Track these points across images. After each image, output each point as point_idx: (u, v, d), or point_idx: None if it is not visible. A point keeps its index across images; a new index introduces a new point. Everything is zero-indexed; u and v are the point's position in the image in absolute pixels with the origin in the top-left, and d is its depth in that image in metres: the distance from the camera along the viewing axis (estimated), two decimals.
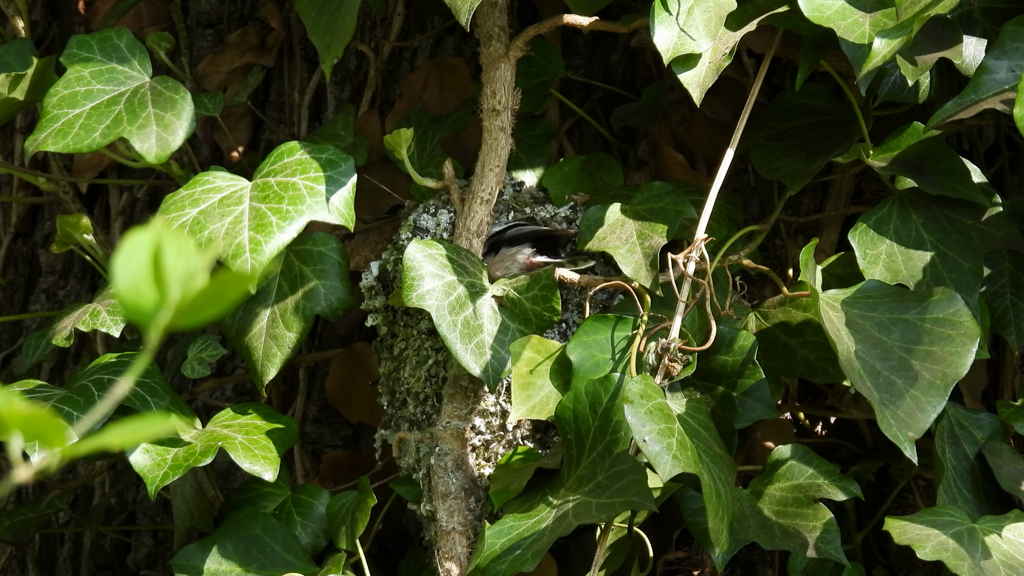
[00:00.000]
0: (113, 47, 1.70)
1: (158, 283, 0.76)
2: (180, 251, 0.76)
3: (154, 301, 0.76)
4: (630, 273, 1.63)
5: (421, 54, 1.99)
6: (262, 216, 1.60)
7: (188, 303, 0.76)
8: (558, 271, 1.68)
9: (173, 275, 0.76)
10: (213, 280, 0.76)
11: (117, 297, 0.76)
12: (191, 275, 0.76)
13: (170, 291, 0.76)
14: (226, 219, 1.61)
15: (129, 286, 0.76)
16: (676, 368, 1.58)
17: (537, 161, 1.84)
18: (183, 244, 0.77)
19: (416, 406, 1.77)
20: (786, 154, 1.74)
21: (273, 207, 1.60)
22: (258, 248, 1.58)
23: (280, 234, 1.59)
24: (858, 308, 1.56)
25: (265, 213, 1.60)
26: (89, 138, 1.65)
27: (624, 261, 1.64)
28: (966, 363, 1.52)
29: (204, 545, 1.71)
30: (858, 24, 1.56)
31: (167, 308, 0.76)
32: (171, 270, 0.76)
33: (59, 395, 1.62)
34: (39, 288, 2.18)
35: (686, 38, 1.58)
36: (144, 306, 0.76)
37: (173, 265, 0.76)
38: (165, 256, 0.76)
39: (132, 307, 0.76)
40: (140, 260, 0.76)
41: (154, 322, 0.76)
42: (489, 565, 1.52)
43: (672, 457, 1.44)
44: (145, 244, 0.76)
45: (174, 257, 0.76)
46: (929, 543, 1.54)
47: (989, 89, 1.55)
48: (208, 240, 1.59)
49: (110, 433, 0.77)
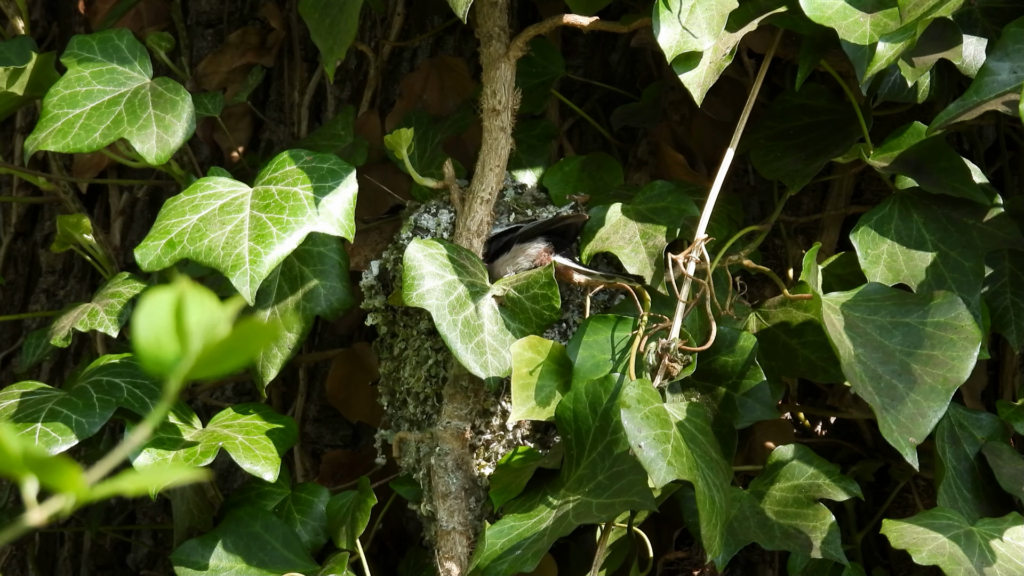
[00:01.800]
0: (114, 48, 1.70)
1: (179, 335, 0.76)
2: (202, 304, 0.76)
3: (175, 354, 0.76)
4: (636, 272, 1.64)
5: (421, 54, 1.99)
6: (262, 226, 1.60)
7: (209, 354, 0.76)
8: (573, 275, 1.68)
9: (195, 327, 0.76)
10: (235, 331, 0.75)
11: (137, 351, 0.76)
12: (213, 327, 0.76)
13: (191, 343, 0.76)
14: (226, 227, 1.60)
15: (150, 340, 0.75)
16: (676, 368, 1.58)
17: (537, 161, 1.84)
18: (205, 298, 0.76)
19: (416, 406, 1.77)
20: (786, 154, 1.74)
21: (273, 217, 1.60)
22: (258, 259, 1.58)
23: (280, 245, 1.59)
24: (859, 311, 1.56)
25: (265, 223, 1.60)
26: (89, 138, 1.65)
27: (629, 261, 1.65)
28: (967, 368, 1.52)
29: (205, 541, 1.71)
30: (859, 24, 1.55)
31: (188, 360, 0.76)
32: (193, 323, 0.76)
33: (58, 397, 1.62)
34: (39, 288, 2.18)
35: (688, 36, 1.58)
36: (164, 359, 0.76)
37: (195, 318, 0.76)
38: (187, 309, 0.76)
39: (152, 360, 0.75)
40: (162, 314, 0.75)
41: (175, 374, 0.76)
42: (489, 565, 1.52)
43: (667, 463, 1.43)
44: (167, 300, 0.76)
45: (196, 310, 0.76)
46: (926, 547, 1.54)
47: (991, 91, 1.55)
48: (208, 248, 1.59)
49: (125, 479, 0.77)
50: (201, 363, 0.76)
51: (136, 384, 1.65)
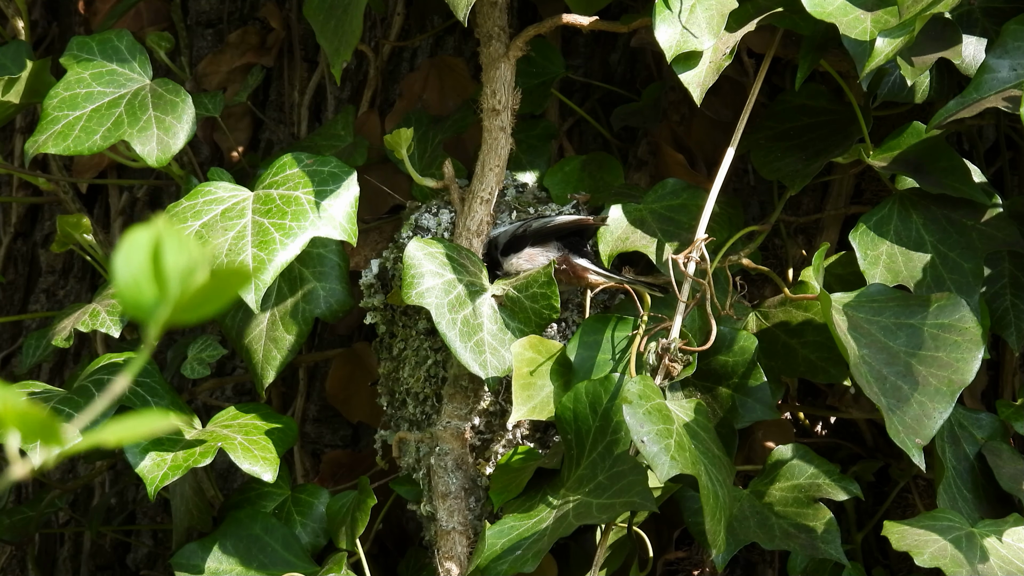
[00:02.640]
0: (113, 49, 1.70)
1: (158, 280, 0.76)
2: (180, 248, 0.77)
3: (154, 297, 0.76)
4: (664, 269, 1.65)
5: (421, 54, 1.99)
6: (265, 232, 1.60)
7: (187, 299, 0.76)
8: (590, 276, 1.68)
9: (173, 272, 0.76)
10: (212, 276, 0.76)
11: (117, 294, 0.76)
12: (191, 271, 0.76)
13: (170, 287, 0.76)
14: (229, 233, 1.60)
15: (129, 283, 0.76)
16: (676, 368, 1.58)
17: (537, 161, 1.84)
18: (183, 241, 0.77)
19: (415, 406, 1.77)
20: (786, 154, 1.74)
21: (276, 222, 1.60)
22: (262, 266, 1.57)
23: (283, 251, 1.59)
24: (863, 312, 1.56)
25: (268, 229, 1.60)
26: (89, 140, 1.64)
27: (658, 260, 1.67)
28: (972, 369, 1.52)
29: (204, 544, 1.71)
30: (859, 20, 1.55)
31: (166, 304, 0.76)
32: (171, 267, 0.76)
33: (59, 396, 1.62)
34: (39, 288, 2.18)
35: (688, 36, 1.58)
36: (144, 302, 0.76)
37: (173, 262, 0.76)
38: (165, 253, 0.76)
39: (132, 303, 0.76)
40: (140, 257, 0.76)
41: (154, 318, 0.76)
42: (490, 565, 1.51)
43: (670, 458, 1.44)
44: (145, 241, 0.76)
45: (174, 254, 0.76)
46: (927, 549, 1.54)
47: (991, 88, 1.55)
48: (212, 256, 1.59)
49: (107, 431, 0.77)
50: (180, 308, 0.76)
51: (137, 383, 1.65)
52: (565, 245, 1.70)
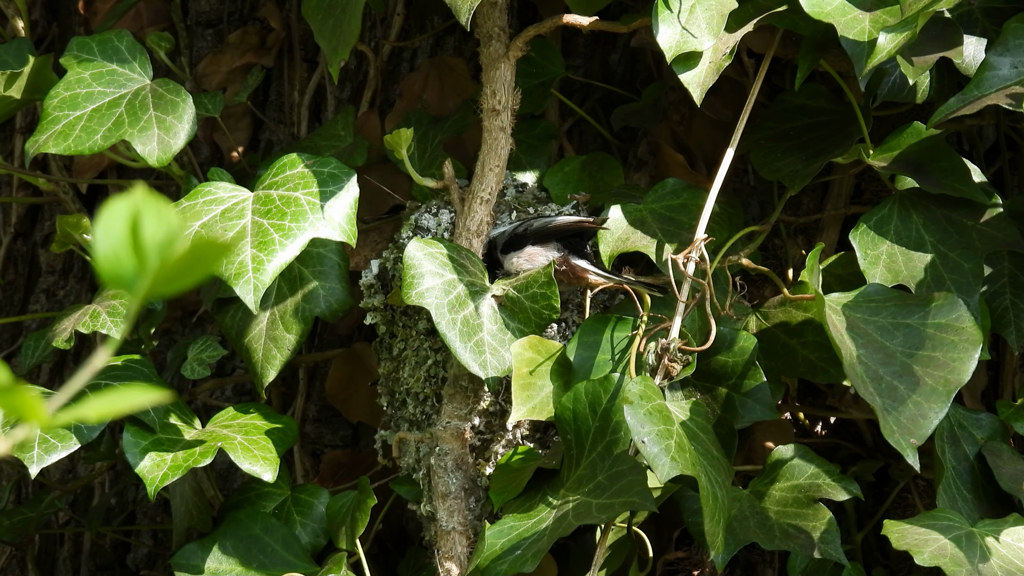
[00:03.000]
0: (113, 49, 1.70)
1: (137, 251, 0.76)
2: (159, 218, 0.76)
3: (133, 269, 0.76)
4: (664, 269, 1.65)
5: (421, 54, 1.99)
6: (264, 232, 1.60)
7: (167, 271, 0.76)
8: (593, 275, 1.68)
9: (152, 243, 0.76)
10: (192, 248, 0.76)
11: (96, 265, 0.76)
12: (170, 242, 0.76)
13: (149, 259, 0.76)
14: (228, 234, 1.60)
15: (108, 254, 0.76)
16: (676, 368, 1.58)
17: (537, 161, 1.84)
18: (162, 211, 0.76)
19: (415, 406, 1.77)
20: (786, 154, 1.74)
21: (275, 223, 1.60)
22: (261, 267, 1.58)
23: (282, 252, 1.59)
24: (861, 312, 1.56)
25: (268, 230, 1.60)
26: (90, 140, 1.64)
27: (658, 260, 1.67)
28: (968, 370, 1.52)
29: (204, 544, 1.71)
30: (858, 21, 1.55)
31: (146, 276, 0.76)
32: (150, 238, 0.76)
33: None
34: (39, 288, 2.18)
35: (688, 36, 1.58)
36: (123, 274, 0.76)
37: (152, 233, 0.76)
38: (144, 224, 0.76)
39: (111, 275, 0.76)
40: (119, 228, 0.76)
41: (133, 289, 0.76)
42: (489, 565, 1.51)
43: (670, 459, 1.44)
44: (124, 212, 0.76)
45: (153, 225, 0.76)
46: (927, 548, 1.54)
47: (992, 85, 1.55)
48: None
49: (87, 406, 0.77)
50: (160, 279, 0.76)
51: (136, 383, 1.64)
52: (565, 246, 1.70)
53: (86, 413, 0.77)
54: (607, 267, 1.69)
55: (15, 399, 0.75)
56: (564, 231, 1.69)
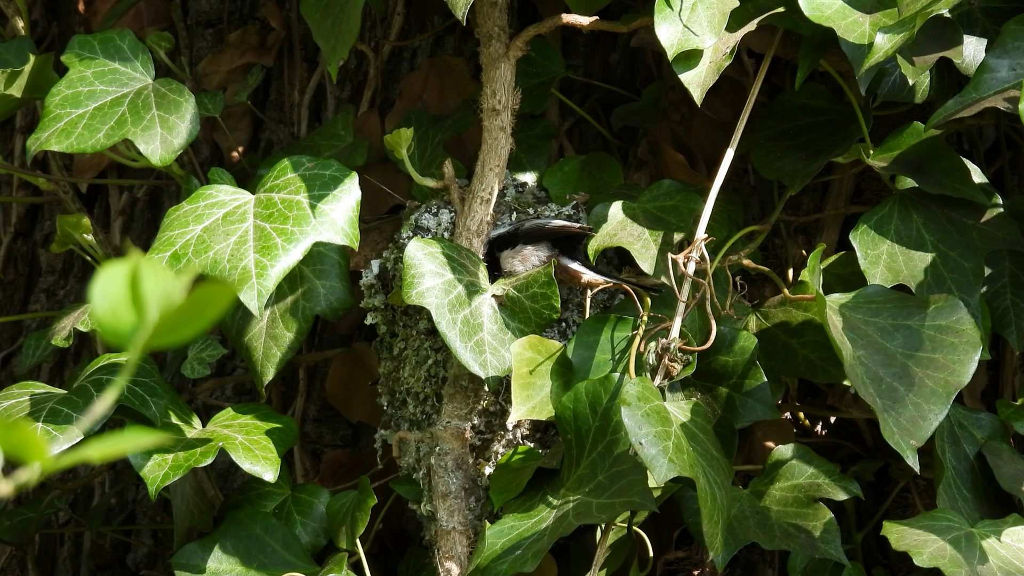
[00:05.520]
0: (115, 48, 1.70)
1: (136, 305, 0.76)
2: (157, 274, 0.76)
3: (132, 323, 0.76)
4: (647, 269, 1.64)
5: (421, 54, 1.99)
6: (267, 237, 1.60)
7: (167, 322, 0.76)
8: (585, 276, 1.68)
9: (151, 296, 0.76)
10: (190, 297, 0.75)
11: (95, 324, 0.76)
12: (168, 295, 0.76)
13: (148, 312, 0.76)
14: (230, 239, 1.60)
15: (107, 311, 0.75)
16: (676, 368, 1.58)
17: (537, 161, 1.84)
18: (159, 270, 0.76)
19: (416, 406, 1.77)
20: (786, 154, 1.74)
21: (278, 227, 1.60)
22: (264, 272, 1.57)
23: (285, 257, 1.58)
24: (860, 313, 1.56)
25: (270, 234, 1.60)
26: (93, 138, 1.64)
27: (640, 257, 1.66)
28: (968, 371, 1.52)
29: (204, 544, 1.71)
30: (858, 24, 1.56)
31: (145, 328, 0.76)
32: (148, 292, 0.76)
33: (58, 396, 1.62)
34: (39, 288, 2.18)
35: (690, 34, 1.59)
36: (122, 329, 0.76)
37: (151, 287, 0.76)
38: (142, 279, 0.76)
39: (110, 331, 0.76)
40: (118, 285, 0.76)
41: (132, 343, 0.76)
42: (489, 565, 1.52)
43: (668, 460, 1.44)
44: (122, 272, 0.76)
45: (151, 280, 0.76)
46: (927, 549, 1.54)
47: (991, 87, 1.55)
48: (213, 261, 1.59)
49: (90, 447, 0.77)
50: (159, 331, 0.76)
51: (136, 383, 1.65)
52: (555, 245, 1.70)
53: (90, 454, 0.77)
54: (592, 261, 1.69)
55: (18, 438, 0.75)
56: (554, 234, 1.70)
